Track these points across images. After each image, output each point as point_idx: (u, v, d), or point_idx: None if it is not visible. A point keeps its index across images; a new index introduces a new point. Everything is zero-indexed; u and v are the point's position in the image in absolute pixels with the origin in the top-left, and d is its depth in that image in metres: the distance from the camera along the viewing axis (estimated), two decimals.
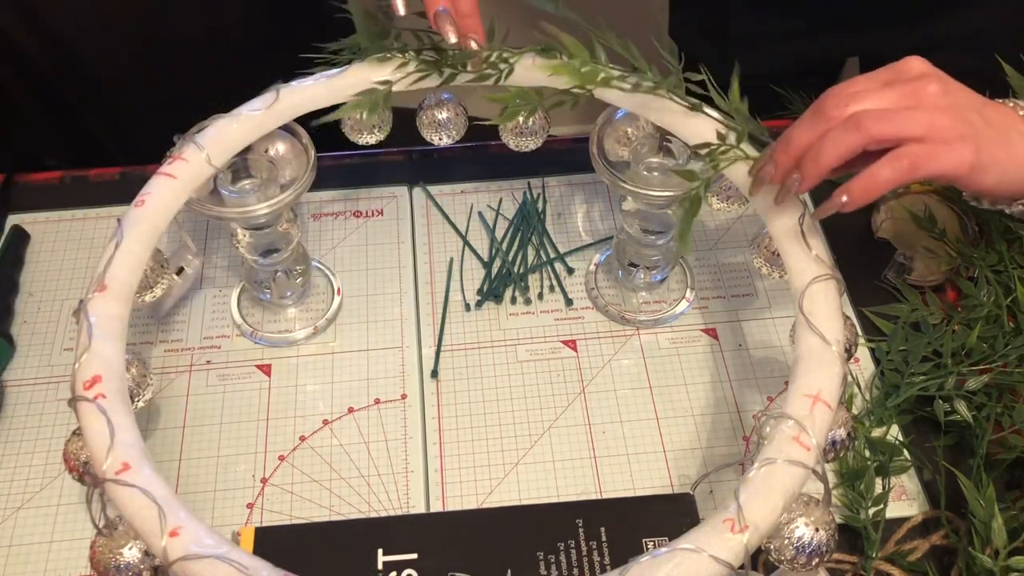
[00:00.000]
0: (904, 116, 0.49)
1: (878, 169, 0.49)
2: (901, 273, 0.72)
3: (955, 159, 0.49)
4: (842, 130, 0.49)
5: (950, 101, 0.50)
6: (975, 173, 0.49)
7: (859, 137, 0.48)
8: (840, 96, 0.50)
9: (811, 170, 0.50)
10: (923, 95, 0.50)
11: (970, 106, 0.50)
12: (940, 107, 0.49)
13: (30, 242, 0.76)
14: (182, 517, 0.45)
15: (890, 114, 0.49)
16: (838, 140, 0.49)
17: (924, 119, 0.49)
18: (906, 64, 0.52)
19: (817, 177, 0.50)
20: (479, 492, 0.63)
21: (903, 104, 0.50)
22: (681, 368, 0.69)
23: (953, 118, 0.49)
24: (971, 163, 0.49)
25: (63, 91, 0.92)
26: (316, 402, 0.67)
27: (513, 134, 0.65)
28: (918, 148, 0.48)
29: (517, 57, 0.59)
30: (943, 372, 0.64)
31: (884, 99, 0.50)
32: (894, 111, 0.49)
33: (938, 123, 0.49)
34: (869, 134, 0.48)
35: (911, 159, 0.48)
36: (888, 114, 0.49)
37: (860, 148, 0.49)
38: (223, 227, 0.77)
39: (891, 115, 0.49)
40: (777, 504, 0.45)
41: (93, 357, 0.50)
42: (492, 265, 0.75)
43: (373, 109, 0.60)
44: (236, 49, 0.92)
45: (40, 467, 0.64)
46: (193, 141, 0.58)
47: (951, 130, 0.49)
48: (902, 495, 0.62)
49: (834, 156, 0.49)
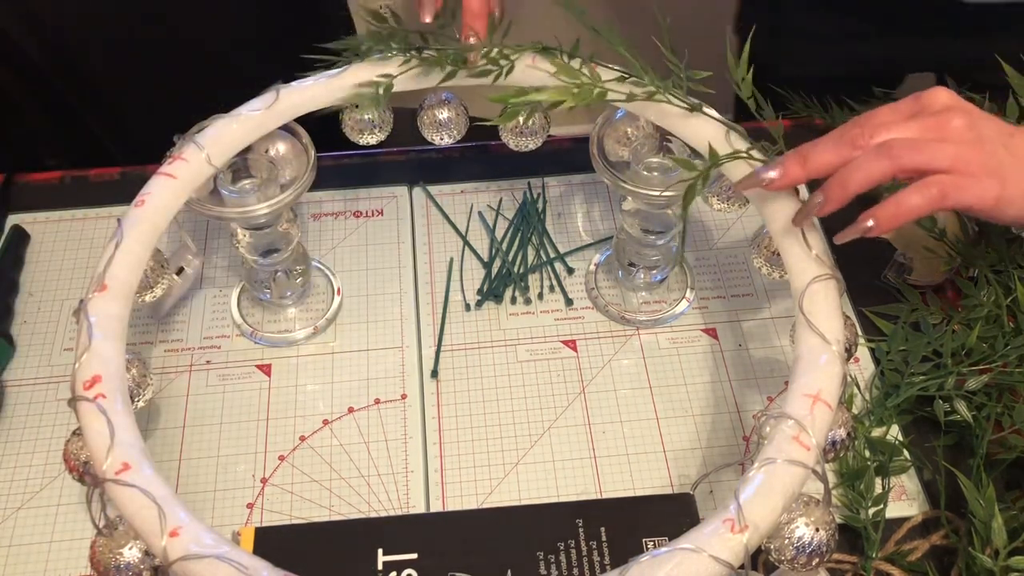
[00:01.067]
0: (934, 147, 0.49)
1: (906, 196, 0.49)
2: (901, 273, 0.72)
3: (981, 192, 0.49)
4: (873, 157, 0.49)
5: (976, 135, 0.50)
6: (1000, 205, 0.50)
7: (889, 165, 0.49)
8: (866, 126, 0.51)
9: (837, 193, 0.50)
10: (948, 129, 0.50)
11: (997, 139, 0.51)
12: (966, 141, 0.50)
13: (30, 242, 0.76)
14: (182, 517, 0.45)
15: (921, 143, 0.49)
16: (868, 167, 0.49)
17: (951, 151, 0.49)
18: (932, 96, 0.52)
19: (842, 201, 0.51)
20: (479, 492, 0.63)
21: (929, 136, 0.50)
22: (681, 368, 0.69)
23: (979, 152, 0.50)
24: (996, 196, 0.49)
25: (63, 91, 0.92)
26: (316, 402, 0.67)
27: (513, 134, 0.65)
28: (947, 179, 0.49)
29: (518, 54, 0.59)
30: (943, 372, 0.64)
31: (909, 130, 0.50)
32: (925, 141, 0.49)
33: (964, 156, 0.49)
34: (900, 163, 0.49)
35: (940, 188, 0.49)
36: (920, 143, 0.49)
37: (890, 177, 0.49)
38: (223, 227, 0.77)
39: (922, 145, 0.49)
40: (777, 504, 0.45)
41: (93, 357, 0.50)
42: (492, 265, 0.75)
43: (374, 103, 0.60)
44: (236, 49, 0.92)
45: (40, 467, 0.64)
46: (193, 141, 0.58)
47: (977, 164, 0.49)
48: (902, 495, 0.62)
49: (863, 182, 0.50)
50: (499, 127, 0.64)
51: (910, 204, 0.49)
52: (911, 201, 0.49)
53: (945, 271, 0.71)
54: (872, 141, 0.50)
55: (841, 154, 0.50)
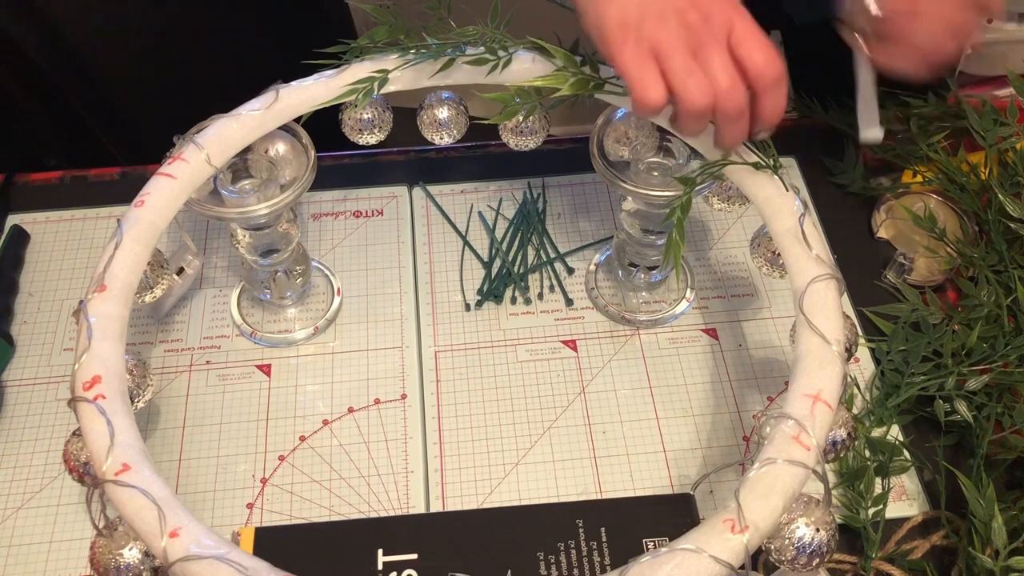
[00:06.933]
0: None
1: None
2: (901, 273, 0.72)
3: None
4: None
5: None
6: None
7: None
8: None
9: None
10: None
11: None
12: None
13: (30, 242, 0.76)
14: (182, 518, 0.45)
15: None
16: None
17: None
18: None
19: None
20: (479, 492, 0.63)
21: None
22: (681, 368, 0.69)
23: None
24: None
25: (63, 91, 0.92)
26: (316, 402, 0.67)
27: (513, 133, 0.65)
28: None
29: (516, 46, 0.59)
30: (943, 372, 0.64)
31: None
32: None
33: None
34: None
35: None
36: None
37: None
38: (223, 227, 0.77)
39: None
40: (777, 504, 0.45)
41: (93, 357, 0.50)
42: (492, 265, 0.75)
43: (367, 95, 0.59)
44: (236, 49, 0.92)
45: (40, 467, 0.64)
46: (193, 141, 0.58)
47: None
48: (902, 495, 0.62)
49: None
50: (499, 126, 0.64)
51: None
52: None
53: (945, 271, 0.71)
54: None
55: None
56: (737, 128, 0.51)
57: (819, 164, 0.79)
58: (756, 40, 0.49)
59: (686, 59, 0.49)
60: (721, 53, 0.49)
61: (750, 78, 0.49)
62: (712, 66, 0.49)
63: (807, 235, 0.53)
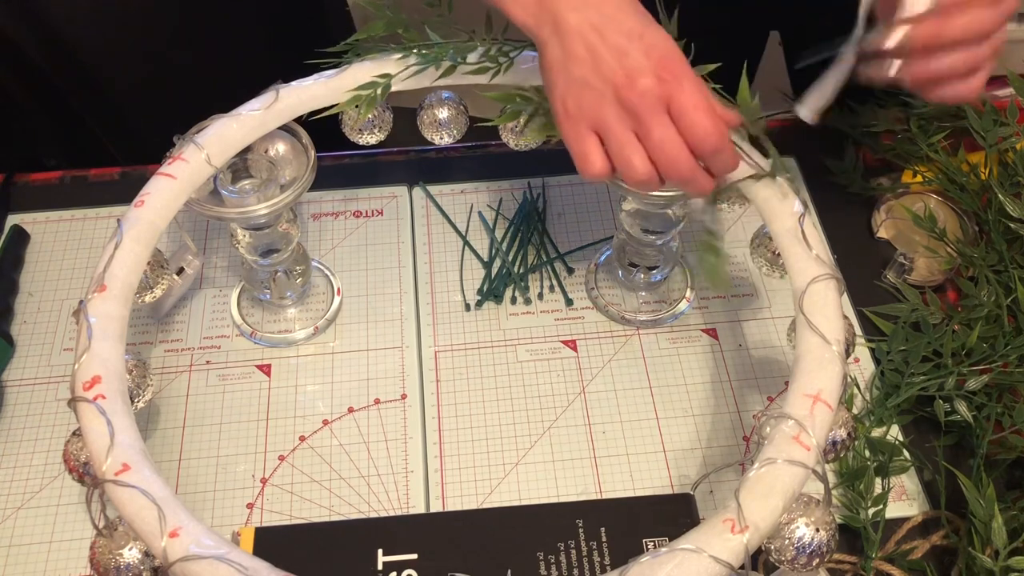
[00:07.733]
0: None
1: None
2: (901, 273, 0.72)
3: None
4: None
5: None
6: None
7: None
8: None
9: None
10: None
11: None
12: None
13: (30, 242, 0.76)
14: (182, 518, 0.45)
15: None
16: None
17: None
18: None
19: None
20: (479, 492, 0.63)
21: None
22: (681, 368, 0.69)
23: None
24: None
25: (63, 91, 0.92)
26: (316, 402, 0.67)
27: (513, 133, 0.65)
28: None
29: (517, 51, 0.59)
30: (943, 372, 0.64)
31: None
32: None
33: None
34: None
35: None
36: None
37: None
38: (223, 227, 0.77)
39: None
40: (777, 504, 0.45)
41: (93, 357, 0.50)
42: (492, 265, 0.75)
43: (371, 103, 0.60)
44: (236, 49, 0.92)
45: (40, 467, 0.64)
46: (193, 141, 0.58)
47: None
48: (902, 495, 0.62)
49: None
50: (499, 127, 0.64)
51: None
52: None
53: (945, 271, 0.71)
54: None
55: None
56: (695, 186, 0.52)
57: (819, 164, 0.79)
58: (696, 111, 0.49)
59: (625, 133, 0.50)
60: (661, 125, 0.50)
61: (692, 147, 0.50)
62: (652, 139, 0.50)
63: (807, 235, 0.53)
